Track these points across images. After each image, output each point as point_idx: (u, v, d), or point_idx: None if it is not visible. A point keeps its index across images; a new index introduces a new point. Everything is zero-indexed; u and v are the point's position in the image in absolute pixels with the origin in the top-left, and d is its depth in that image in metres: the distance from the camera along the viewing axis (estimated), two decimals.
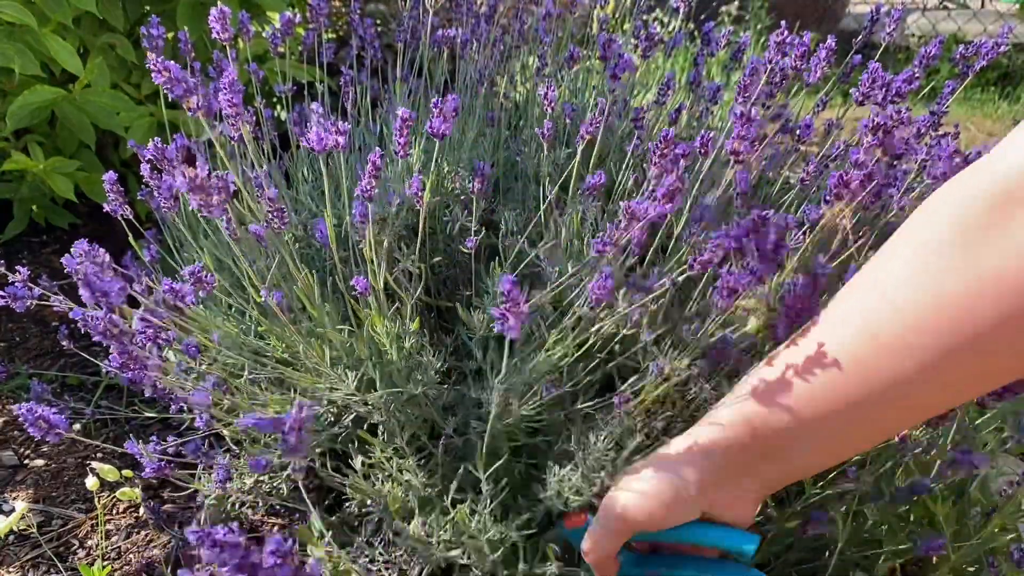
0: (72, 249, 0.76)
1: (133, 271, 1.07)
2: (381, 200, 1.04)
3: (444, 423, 1.00)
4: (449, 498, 0.91)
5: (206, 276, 0.89)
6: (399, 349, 0.96)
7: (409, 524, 0.90)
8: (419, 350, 0.98)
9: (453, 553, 0.88)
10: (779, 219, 0.55)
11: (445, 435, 0.98)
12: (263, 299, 1.00)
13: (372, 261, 0.93)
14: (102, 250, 0.77)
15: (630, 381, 0.93)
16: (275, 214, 0.95)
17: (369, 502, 0.98)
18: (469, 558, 0.87)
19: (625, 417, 0.83)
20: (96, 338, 0.88)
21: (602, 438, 0.81)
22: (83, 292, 0.73)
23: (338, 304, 1.06)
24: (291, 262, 0.97)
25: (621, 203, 0.77)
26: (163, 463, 0.95)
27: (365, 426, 1.03)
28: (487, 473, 0.91)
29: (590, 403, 1.01)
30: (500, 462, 0.89)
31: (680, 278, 0.82)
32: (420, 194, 0.98)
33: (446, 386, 1.06)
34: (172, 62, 0.91)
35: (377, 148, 0.95)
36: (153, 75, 0.91)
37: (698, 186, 0.97)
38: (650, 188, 0.92)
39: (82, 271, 0.73)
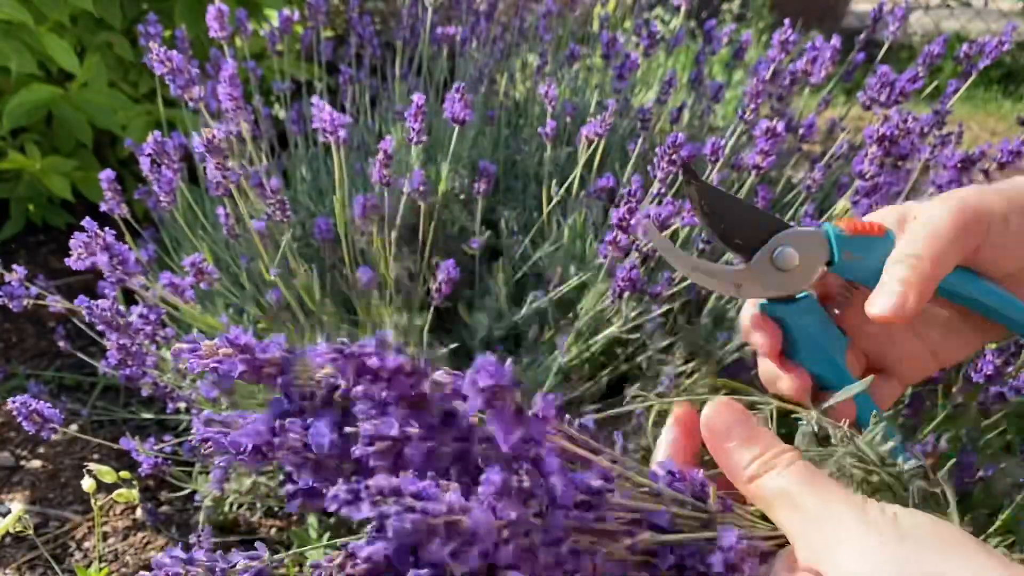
0: (81, 226, 0.75)
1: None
2: (381, 193, 1.03)
3: None
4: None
5: (207, 267, 0.88)
6: (406, 345, 0.95)
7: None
8: (428, 344, 0.97)
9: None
10: None
11: None
12: (266, 287, 0.99)
13: (384, 247, 0.92)
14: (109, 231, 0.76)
15: (636, 386, 0.92)
16: (277, 206, 0.94)
17: None
18: None
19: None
20: (99, 327, 0.87)
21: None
22: (101, 257, 0.73)
23: (338, 301, 1.06)
24: (291, 257, 0.96)
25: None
26: (160, 460, 0.94)
27: None
28: None
29: (595, 407, 1.00)
30: None
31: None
32: (422, 189, 0.97)
33: None
34: (174, 51, 0.91)
35: (388, 137, 0.94)
36: (155, 65, 0.90)
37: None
38: (657, 192, 0.91)
39: (102, 237, 0.73)
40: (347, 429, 0.25)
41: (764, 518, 0.31)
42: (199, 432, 0.25)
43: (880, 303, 0.37)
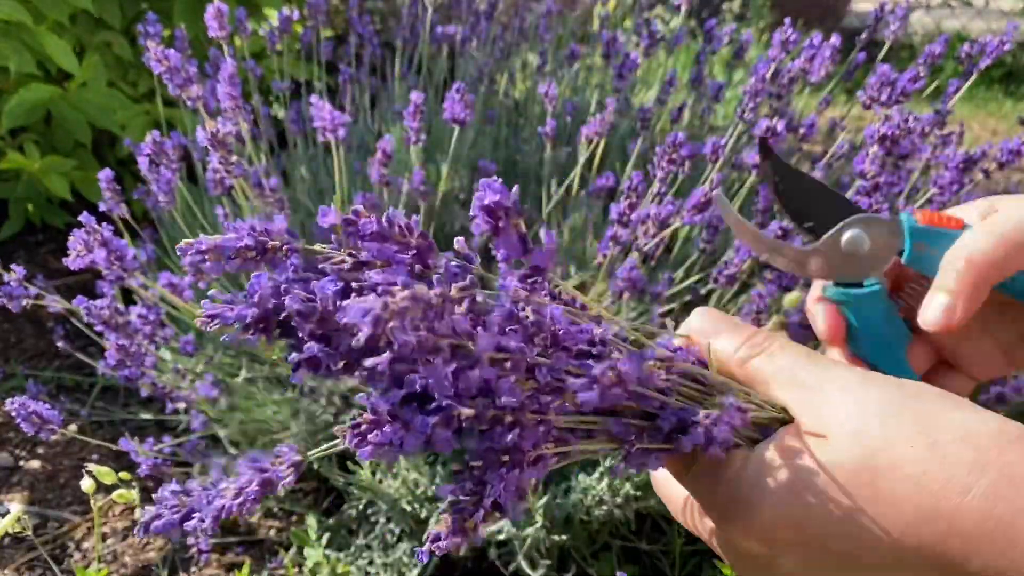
0: (80, 222, 0.74)
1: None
2: (381, 192, 1.03)
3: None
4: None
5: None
6: None
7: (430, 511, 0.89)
8: None
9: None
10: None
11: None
12: None
13: None
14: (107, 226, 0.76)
15: None
16: (275, 204, 0.94)
17: (375, 501, 0.97)
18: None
19: None
20: (98, 327, 0.87)
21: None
22: (99, 253, 0.72)
23: None
24: None
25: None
26: (159, 461, 0.94)
27: None
28: None
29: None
30: None
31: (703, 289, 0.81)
32: (422, 188, 0.97)
33: None
34: (172, 50, 0.90)
35: (387, 136, 0.94)
36: (153, 64, 0.89)
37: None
38: (656, 191, 0.90)
39: (100, 232, 0.72)
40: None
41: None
42: (205, 310, 0.25)
43: (929, 316, 0.36)
